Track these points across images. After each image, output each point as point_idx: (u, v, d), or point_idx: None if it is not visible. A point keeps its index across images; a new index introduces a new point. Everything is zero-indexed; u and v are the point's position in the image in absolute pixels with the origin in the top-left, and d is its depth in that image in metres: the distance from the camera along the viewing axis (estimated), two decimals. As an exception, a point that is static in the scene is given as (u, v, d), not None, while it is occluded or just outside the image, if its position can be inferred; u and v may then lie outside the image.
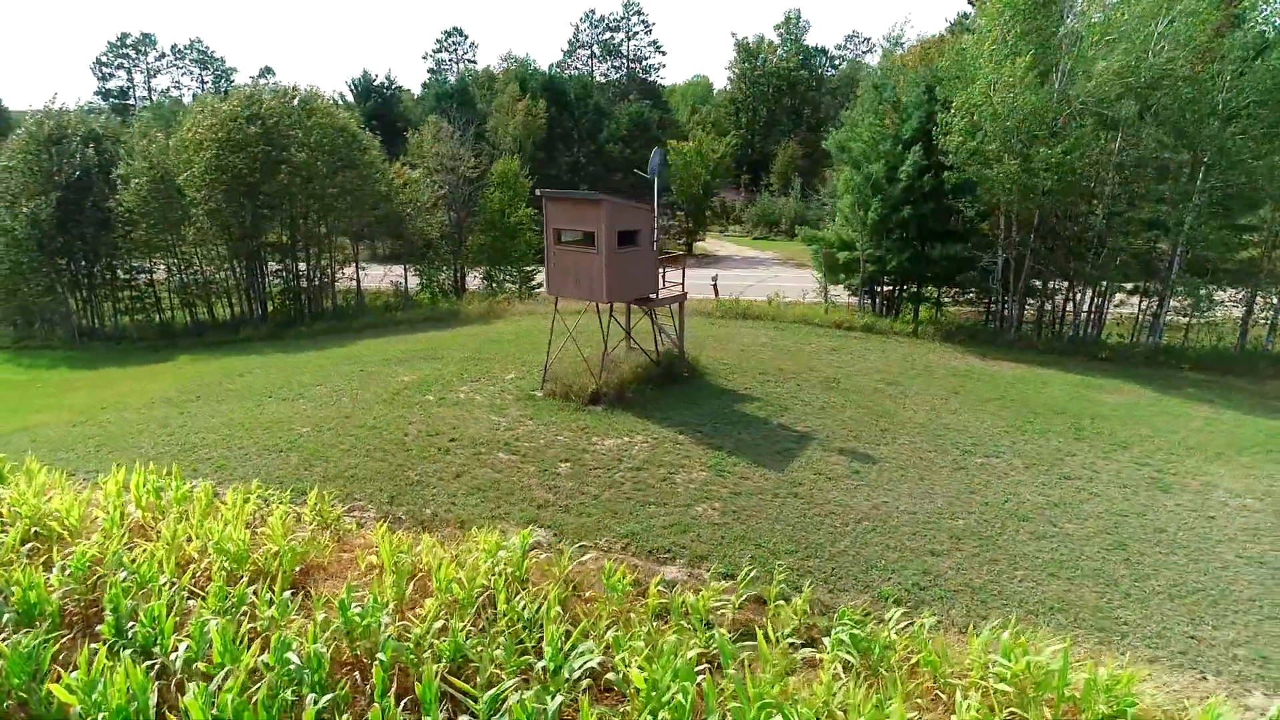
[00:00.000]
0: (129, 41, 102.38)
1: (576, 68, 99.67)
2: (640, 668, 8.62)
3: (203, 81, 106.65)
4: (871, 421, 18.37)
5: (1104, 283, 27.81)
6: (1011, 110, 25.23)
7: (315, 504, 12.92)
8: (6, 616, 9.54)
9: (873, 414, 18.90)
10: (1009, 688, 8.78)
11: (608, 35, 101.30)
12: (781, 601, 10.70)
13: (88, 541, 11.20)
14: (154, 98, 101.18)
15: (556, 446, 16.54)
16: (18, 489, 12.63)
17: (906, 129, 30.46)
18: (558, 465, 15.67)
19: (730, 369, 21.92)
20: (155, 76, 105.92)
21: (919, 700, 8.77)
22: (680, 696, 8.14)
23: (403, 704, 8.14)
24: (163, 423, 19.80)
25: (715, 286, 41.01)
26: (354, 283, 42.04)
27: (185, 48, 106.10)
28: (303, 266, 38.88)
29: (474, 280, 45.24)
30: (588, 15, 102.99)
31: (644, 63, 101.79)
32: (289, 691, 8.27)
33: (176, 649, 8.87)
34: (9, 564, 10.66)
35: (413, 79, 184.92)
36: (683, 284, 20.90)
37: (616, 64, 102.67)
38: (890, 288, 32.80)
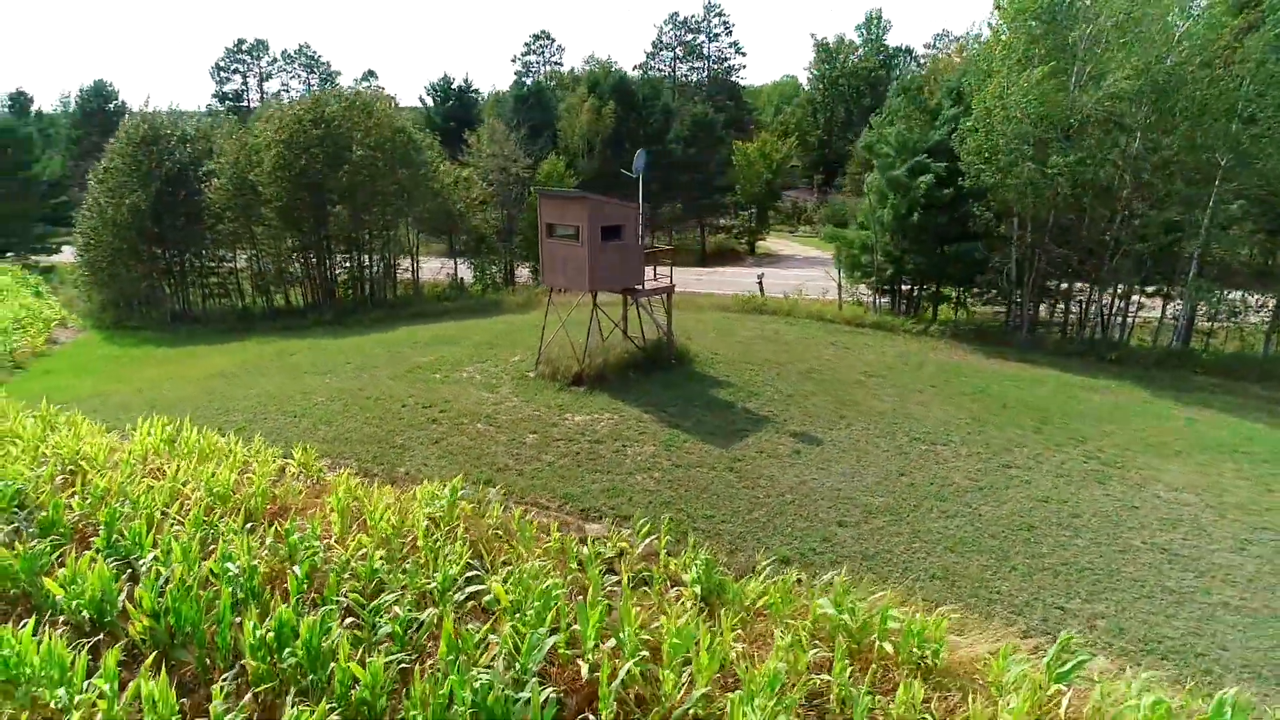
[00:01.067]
0: (244, 47, 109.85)
1: (659, 69, 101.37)
2: (509, 590, 10.23)
3: (309, 84, 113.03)
4: (834, 409, 19.32)
5: (1121, 285, 27.63)
6: (1025, 113, 25.48)
7: (300, 458, 15.01)
8: (30, 530, 11.89)
9: (838, 402, 19.83)
10: (828, 627, 10.01)
11: (689, 37, 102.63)
12: (667, 553, 12.07)
13: (104, 477, 13.53)
14: (264, 100, 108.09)
15: (530, 420, 18.23)
16: (61, 435, 15.19)
17: (933, 136, 30.75)
18: (526, 436, 17.36)
19: (719, 358, 23.10)
20: (267, 80, 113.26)
21: (743, 632, 10.03)
22: (533, 613, 9.72)
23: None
24: (210, 392, 22.49)
25: (760, 284, 42.06)
26: (415, 274, 44.86)
27: (294, 52, 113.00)
28: (365, 258, 41.86)
29: (524, 273, 47.54)
30: (671, 17, 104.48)
31: (725, 63, 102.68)
32: (227, 591, 10.25)
33: (146, 558, 10.98)
34: (43, 491, 13.06)
35: (505, 81, 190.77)
36: (670, 277, 22.28)
37: (697, 65, 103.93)
38: (909, 287, 33.15)
